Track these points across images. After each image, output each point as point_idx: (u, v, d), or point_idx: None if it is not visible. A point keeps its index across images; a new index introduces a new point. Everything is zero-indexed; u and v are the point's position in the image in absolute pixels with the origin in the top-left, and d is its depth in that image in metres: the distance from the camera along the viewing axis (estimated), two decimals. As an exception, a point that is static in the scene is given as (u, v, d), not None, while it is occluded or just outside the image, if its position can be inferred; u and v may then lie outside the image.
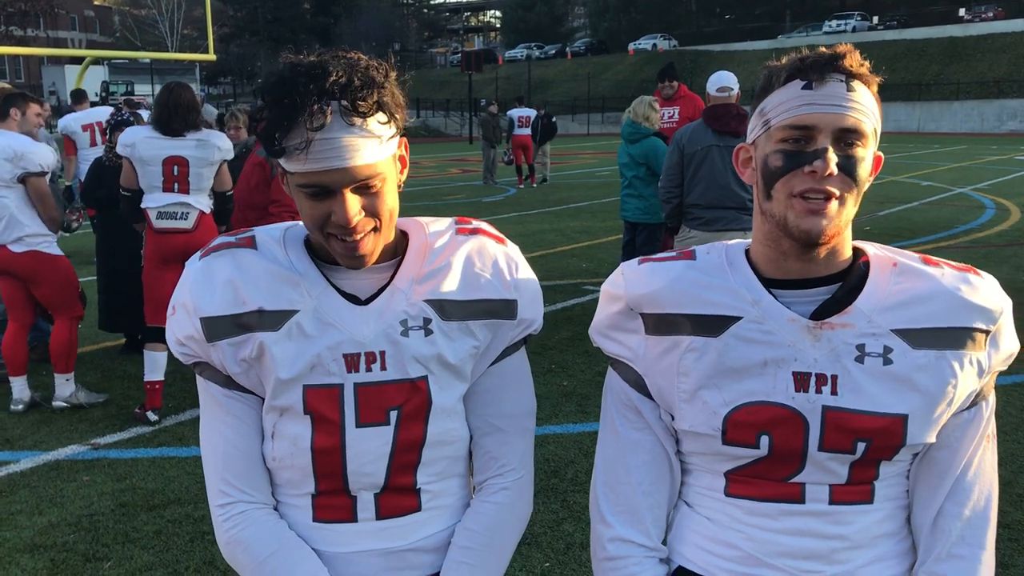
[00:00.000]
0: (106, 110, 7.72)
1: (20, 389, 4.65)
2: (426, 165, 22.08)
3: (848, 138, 1.11)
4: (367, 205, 1.15)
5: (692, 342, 1.17)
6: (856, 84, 1.11)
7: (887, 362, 1.12)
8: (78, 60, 29.98)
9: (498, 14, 78.09)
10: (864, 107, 1.11)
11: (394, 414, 1.22)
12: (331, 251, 1.18)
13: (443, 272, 1.24)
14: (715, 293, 1.17)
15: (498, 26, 79.76)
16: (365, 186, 1.14)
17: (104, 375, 5.28)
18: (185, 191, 4.34)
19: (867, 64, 1.14)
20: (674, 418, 1.21)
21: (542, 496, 3.56)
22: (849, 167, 1.11)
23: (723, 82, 4.76)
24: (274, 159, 1.18)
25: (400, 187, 1.22)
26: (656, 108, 5.79)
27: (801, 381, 1.13)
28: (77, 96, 9.05)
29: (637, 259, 1.27)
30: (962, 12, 46.24)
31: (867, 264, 1.18)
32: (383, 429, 1.22)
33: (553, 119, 17.60)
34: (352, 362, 1.20)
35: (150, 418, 4.45)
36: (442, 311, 1.23)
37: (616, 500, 1.26)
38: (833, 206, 1.11)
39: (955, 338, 1.12)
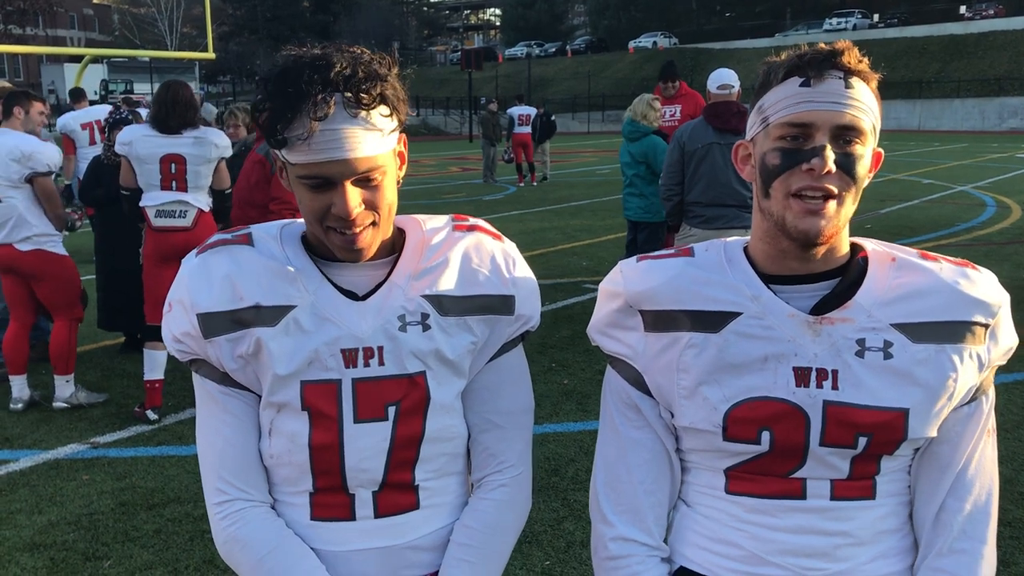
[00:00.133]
0: (105, 108, 7.70)
1: (20, 388, 4.65)
2: (426, 163, 22.07)
3: (846, 135, 1.11)
4: (367, 198, 1.15)
5: (692, 338, 1.17)
6: (855, 81, 1.11)
7: (887, 356, 1.12)
8: (77, 59, 29.97)
9: (498, 12, 78.09)
10: (862, 104, 1.11)
11: (392, 410, 1.21)
12: (329, 244, 1.18)
13: (441, 268, 1.24)
14: (714, 289, 1.17)
15: (498, 24, 79.77)
16: (366, 179, 1.14)
17: (104, 374, 5.28)
18: (183, 189, 4.34)
19: (866, 61, 1.14)
20: (674, 415, 1.21)
21: (543, 494, 3.55)
22: (847, 165, 1.10)
23: (724, 79, 4.74)
24: (274, 154, 1.18)
25: (399, 183, 1.22)
26: (656, 107, 5.77)
27: (802, 376, 1.13)
28: (76, 95, 9.03)
29: (635, 257, 1.27)
30: (963, 10, 46.24)
31: (866, 259, 1.19)
32: (381, 425, 1.21)
33: (552, 117, 17.60)
34: (350, 357, 1.20)
35: (150, 417, 4.45)
36: (440, 307, 1.23)
37: (617, 499, 1.25)
38: (831, 206, 1.10)
39: (955, 332, 1.12)
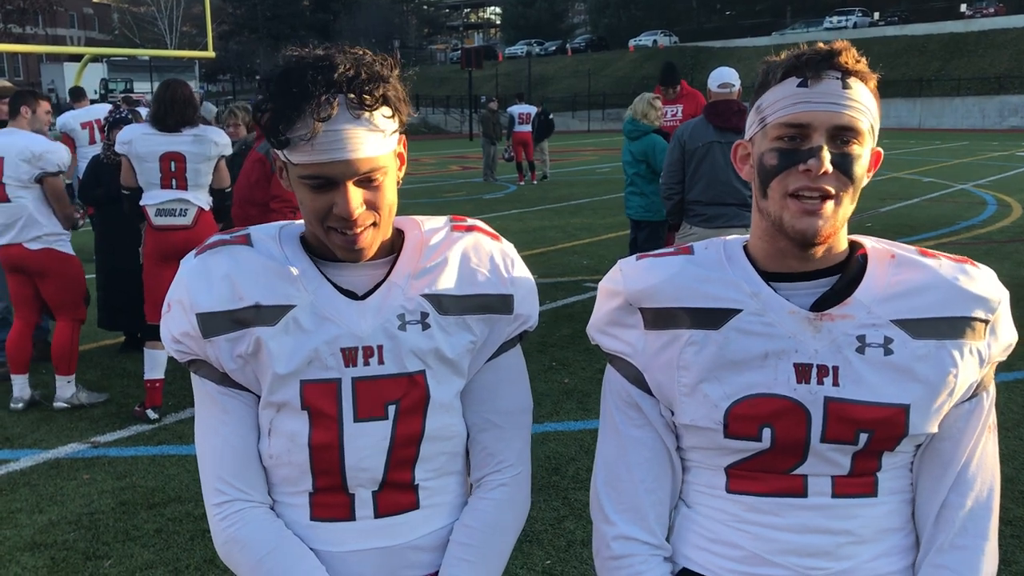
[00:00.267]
0: (105, 108, 7.70)
1: (21, 387, 4.65)
2: (426, 162, 22.06)
3: (844, 136, 1.11)
4: (368, 199, 1.15)
5: (692, 335, 1.17)
6: (852, 81, 1.11)
7: (888, 352, 1.12)
8: (77, 58, 29.95)
9: (498, 10, 78.05)
10: (860, 104, 1.11)
11: (392, 408, 1.22)
12: (330, 244, 1.18)
13: (440, 268, 1.24)
14: (714, 286, 1.17)
15: (498, 22, 79.73)
16: (367, 179, 1.15)
17: (104, 373, 5.28)
18: (183, 187, 4.34)
19: (864, 61, 1.14)
20: (674, 413, 1.20)
21: (543, 494, 3.55)
22: (844, 165, 1.11)
23: (724, 78, 4.74)
24: (274, 154, 1.18)
25: (399, 184, 1.22)
26: (656, 106, 5.77)
27: (802, 373, 1.13)
28: (76, 94, 9.03)
29: (635, 255, 1.27)
30: (963, 8, 46.19)
31: (865, 256, 1.19)
32: (381, 423, 1.21)
33: (550, 116, 17.58)
34: (350, 356, 1.20)
35: (150, 416, 4.45)
36: (439, 306, 1.23)
37: (618, 498, 1.25)
38: (829, 206, 1.11)
39: (955, 327, 1.12)
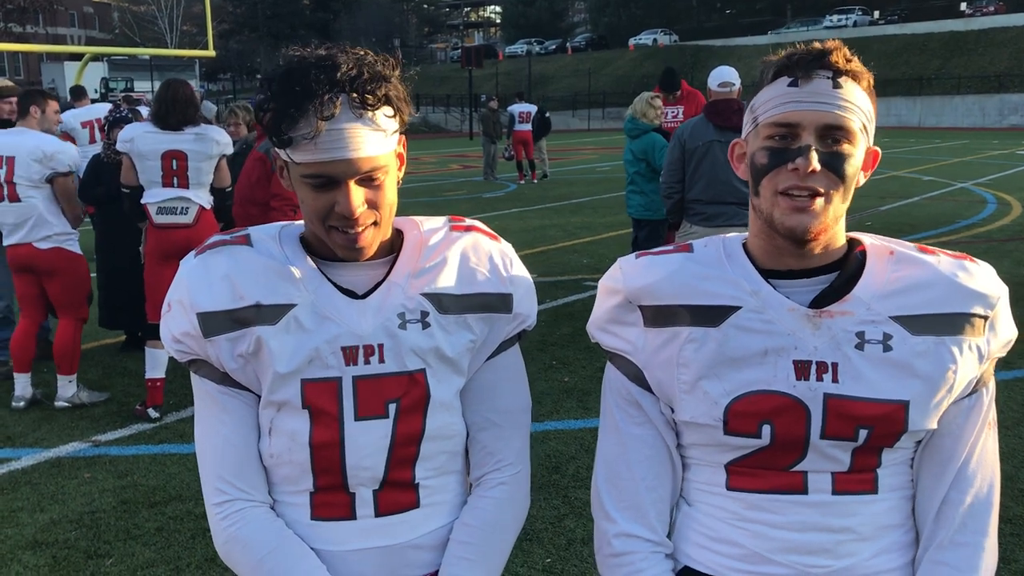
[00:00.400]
0: (105, 107, 7.71)
1: (23, 386, 4.66)
2: (427, 161, 22.06)
3: (834, 135, 1.11)
4: (370, 198, 1.16)
5: (691, 333, 1.17)
6: (844, 80, 1.11)
7: (887, 349, 1.12)
8: (77, 57, 29.92)
9: (498, 9, 78.01)
10: (851, 103, 1.11)
11: (393, 407, 1.22)
12: (330, 244, 1.19)
13: (439, 267, 1.25)
14: (714, 284, 1.18)
15: (498, 21, 79.68)
16: (369, 178, 1.15)
17: (105, 372, 5.28)
18: (184, 185, 4.35)
19: (856, 59, 1.14)
20: (674, 410, 1.21)
21: (543, 492, 3.56)
22: (834, 164, 1.11)
23: (725, 77, 4.74)
24: (274, 152, 1.19)
25: (399, 184, 1.23)
26: (656, 105, 5.77)
27: (802, 369, 1.13)
28: (76, 93, 9.04)
29: (634, 253, 1.27)
30: (963, 6, 46.15)
31: (864, 253, 1.19)
32: (382, 422, 1.22)
33: (547, 114, 17.56)
34: (350, 355, 1.20)
35: (151, 415, 4.45)
36: (439, 305, 1.24)
37: (619, 496, 1.25)
38: (819, 203, 1.11)
39: (954, 324, 1.12)
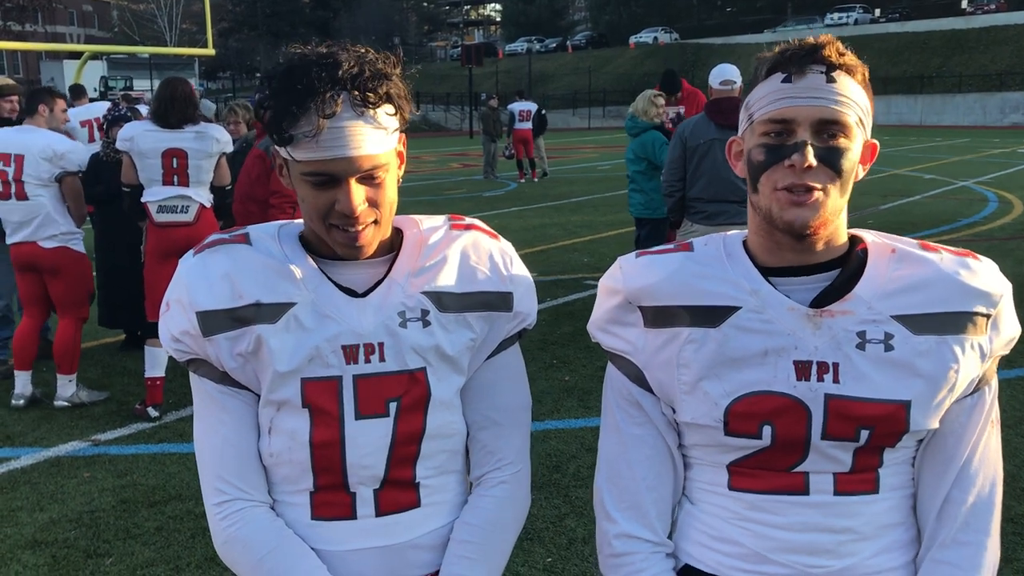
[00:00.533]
0: (105, 105, 7.70)
1: (23, 385, 4.66)
2: (427, 160, 22.05)
3: (829, 130, 1.10)
4: (370, 196, 1.16)
5: (691, 333, 1.16)
6: (838, 75, 1.11)
7: (888, 348, 1.11)
8: (76, 55, 29.90)
9: (498, 7, 78.01)
10: (846, 97, 1.11)
11: (393, 405, 1.22)
12: (331, 242, 1.18)
13: (439, 266, 1.24)
14: (713, 284, 1.17)
15: (498, 19, 79.64)
16: (370, 176, 1.15)
17: (104, 371, 5.28)
18: (185, 184, 4.34)
19: (849, 53, 1.13)
20: (675, 411, 1.20)
21: (544, 491, 3.55)
22: (831, 159, 1.10)
23: (726, 75, 4.73)
24: (274, 151, 1.18)
25: (399, 182, 1.23)
26: (657, 103, 5.77)
27: (802, 370, 1.13)
28: (76, 92, 9.03)
29: (634, 252, 1.26)
30: (964, 4, 46.11)
31: (865, 251, 1.18)
32: (383, 421, 1.21)
33: (543, 112, 17.53)
34: (351, 354, 1.20)
35: (151, 414, 4.45)
36: (440, 303, 1.23)
37: (620, 496, 1.25)
38: (817, 197, 1.10)
39: (956, 323, 1.11)
